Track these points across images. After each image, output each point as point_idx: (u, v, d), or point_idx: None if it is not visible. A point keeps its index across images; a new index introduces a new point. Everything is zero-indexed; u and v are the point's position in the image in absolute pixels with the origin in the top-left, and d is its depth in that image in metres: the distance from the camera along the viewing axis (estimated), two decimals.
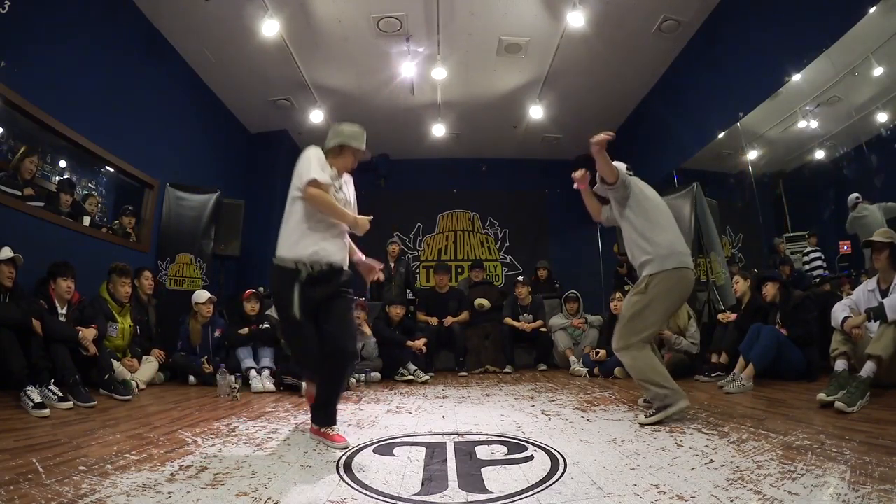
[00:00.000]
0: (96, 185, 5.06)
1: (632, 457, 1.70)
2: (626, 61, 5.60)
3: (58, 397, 2.58)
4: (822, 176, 4.42)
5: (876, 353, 2.41)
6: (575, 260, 7.91)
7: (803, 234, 4.61)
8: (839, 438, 1.76)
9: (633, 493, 1.34)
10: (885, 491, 1.23)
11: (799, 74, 3.93)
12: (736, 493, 1.29)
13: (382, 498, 1.37)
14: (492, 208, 8.49)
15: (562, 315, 5.24)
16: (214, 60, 5.52)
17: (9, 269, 2.93)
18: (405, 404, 3.05)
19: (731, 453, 1.68)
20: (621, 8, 4.75)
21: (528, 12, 4.90)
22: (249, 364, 3.95)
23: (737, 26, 4.60)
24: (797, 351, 3.21)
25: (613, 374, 4.20)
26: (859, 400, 2.24)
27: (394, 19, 4.95)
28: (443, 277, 5.78)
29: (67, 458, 1.69)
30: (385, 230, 7.91)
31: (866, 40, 3.36)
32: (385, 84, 5.98)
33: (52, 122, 3.77)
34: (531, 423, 2.34)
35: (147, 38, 4.87)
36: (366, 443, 2.01)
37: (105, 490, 1.38)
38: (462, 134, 7.44)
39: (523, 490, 1.41)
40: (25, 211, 3.55)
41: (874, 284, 2.86)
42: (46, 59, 3.70)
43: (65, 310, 3.27)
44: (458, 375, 4.88)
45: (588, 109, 6.71)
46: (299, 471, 1.63)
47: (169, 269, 5.11)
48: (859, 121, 3.79)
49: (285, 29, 4.90)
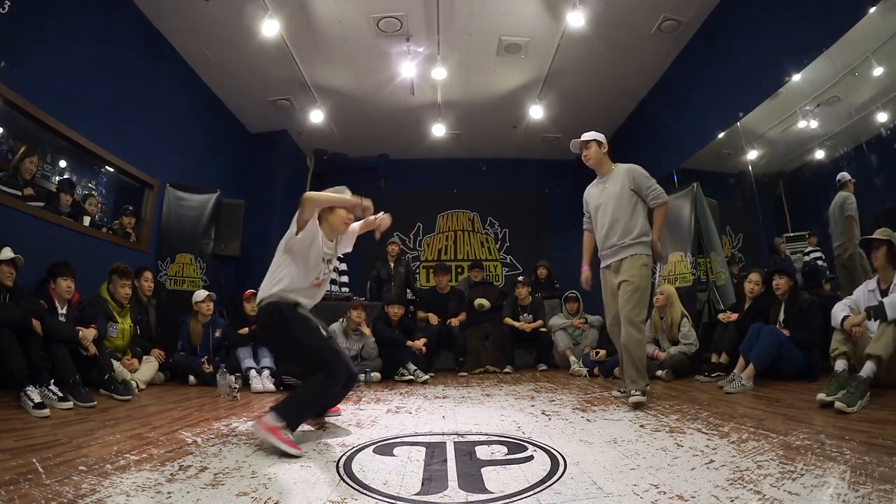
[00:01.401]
0: (96, 185, 5.06)
1: (632, 457, 1.70)
2: (626, 61, 5.60)
3: (58, 397, 2.59)
4: (822, 176, 4.41)
5: (876, 353, 2.40)
6: (575, 260, 7.81)
7: (803, 234, 4.60)
8: (839, 438, 1.76)
9: (633, 493, 1.34)
10: (885, 491, 1.23)
11: (799, 74, 3.92)
12: (736, 493, 1.29)
13: (382, 498, 1.37)
14: (492, 208, 8.49)
15: (562, 315, 5.24)
16: (214, 60, 5.53)
17: (9, 270, 2.93)
18: (405, 404, 3.05)
19: (731, 453, 1.68)
20: (621, 8, 4.75)
21: (528, 12, 4.90)
22: (249, 364, 3.96)
23: (737, 26, 4.60)
24: (798, 351, 3.20)
25: (613, 374, 4.20)
26: (859, 400, 2.24)
27: (394, 19, 4.95)
28: (443, 278, 5.79)
29: (67, 458, 1.69)
30: (385, 230, 7.91)
31: (866, 40, 3.36)
32: (385, 84, 5.98)
33: (52, 122, 3.77)
34: (531, 423, 2.34)
35: (147, 38, 4.87)
36: (366, 443, 2.01)
37: (105, 490, 1.38)
38: (462, 134, 7.44)
39: (523, 490, 1.40)
40: (25, 211, 3.55)
41: (874, 284, 2.86)
42: (46, 59, 3.71)
43: (65, 310, 3.27)
44: (458, 375, 4.88)
45: (588, 109, 6.72)
46: (299, 471, 1.63)
47: (169, 269, 5.11)
48: (859, 121, 3.79)
49: (285, 29, 4.90)
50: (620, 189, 2.93)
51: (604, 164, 3.04)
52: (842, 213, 3.87)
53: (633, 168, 2.97)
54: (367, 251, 7.89)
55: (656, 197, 2.91)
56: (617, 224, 2.91)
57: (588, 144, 3.01)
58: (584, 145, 3.03)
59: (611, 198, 2.95)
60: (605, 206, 2.98)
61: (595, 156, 3.01)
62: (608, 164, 3.05)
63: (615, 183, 2.96)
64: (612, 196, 2.95)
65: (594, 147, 3.00)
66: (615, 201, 2.93)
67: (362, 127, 7.23)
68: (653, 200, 2.92)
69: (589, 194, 3.19)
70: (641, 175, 2.94)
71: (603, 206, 3.00)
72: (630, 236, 2.87)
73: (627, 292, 2.82)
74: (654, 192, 2.91)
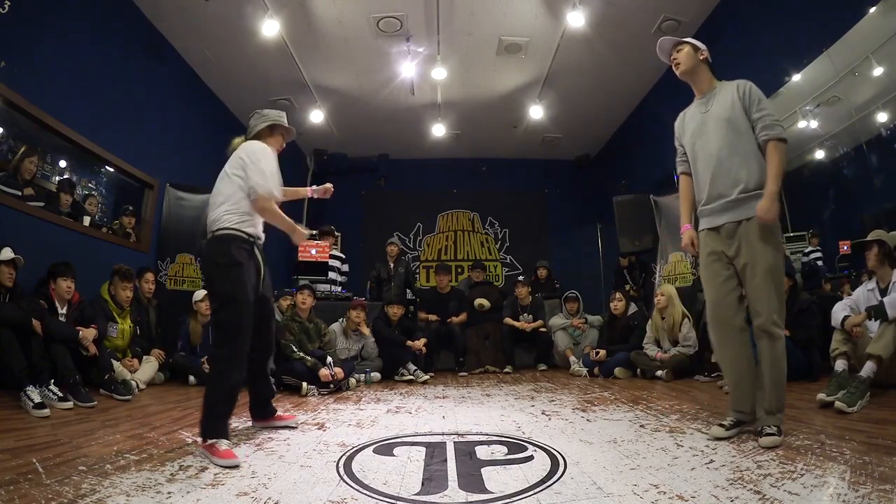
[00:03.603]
0: (96, 185, 5.05)
1: (632, 457, 1.70)
2: (626, 61, 5.60)
3: (58, 397, 2.58)
4: (822, 176, 4.42)
5: (876, 353, 2.41)
6: (575, 260, 7.92)
7: (803, 234, 4.60)
8: (839, 438, 1.76)
9: (633, 493, 1.34)
10: (885, 491, 1.23)
11: (799, 74, 3.93)
12: (736, 493, 1.29)
13: (382, 498, 1.37)
14: (492, 208, 8.50)
15: (562, 315, 5.24)
16: (214, 60, 5.53)
17: (9, 270, 2.93)
18: (405, 404, 3.05)
19: (731, 453, 1.68)
20: (621, 8, 4.75)
21: (528, 12, 4.90)
22: None
23: (737, 26, 4.60)
24: (799, 351, 3.20)
25: (613, 374, 4.20)
26: (859, 400, 2.24)
27: (394, 19, 4.95)
28: (444, 278, 5.81)
29: (67, 458, 1.69)
30: (385, 230, 7.93)
31: (866, 40, 3.36)
32: (385, 84, 5.98)
33: (52, 122, 3.77)
34: (531, 423, 2.34)
35: (147, 38, 4.87)
36: (366, 443, 2.01)
37: (105, 490, 1.38)
38: (462, 134, 7.44)
39: (523, 490, 1.41)
40: (25, 211, 3.55)
41: (874, 284, 2.87)
42: (46, 59, 3.70)
43: (65, 310, 3.27)
44: (458, 375, 4.88)
45: (588, 109, 6.72)
46: (299, 471, 1.63)
47: (169, 270, 5.11)
48: (859, 121, 3.79)
49: (285, 29, 4.90)
50: (730, 111, 2.03)
51: (701, 76, 2.16)
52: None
53: (744, 83, 2.05)
54: (367, 251, 7.94)
55: (769, 126, 1.95)
56: (727, 164, 2.00)
57: (680, 46, 2.16)
58: (675, 47, 2.18)
59: (718, 124, 2.04)
60: (707, 138, 2.08)
61: (688, 62, 2.13)
62: (708, 79, 2.16)
63: (722, 104, 2.06)
64: (721, 121, 2.04)
65: (687, 50, 2.13)
66: (725, 129, 2.02)
67: (362, 127, 7.23)
68: (763, 132, 1.95)
69: (684, 120, 2.25)
70: (756, 92, 2.02)
71: (705, 138, 2.09)
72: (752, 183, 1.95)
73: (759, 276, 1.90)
74: (768, 118, 1.96)
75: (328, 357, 3.81)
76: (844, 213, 4.03)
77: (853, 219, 4.06)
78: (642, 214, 5.44)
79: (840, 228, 4.12)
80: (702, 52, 2.15)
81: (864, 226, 3.64)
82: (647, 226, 5.42)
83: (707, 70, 2.17)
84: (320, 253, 5.69)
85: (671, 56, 2.20)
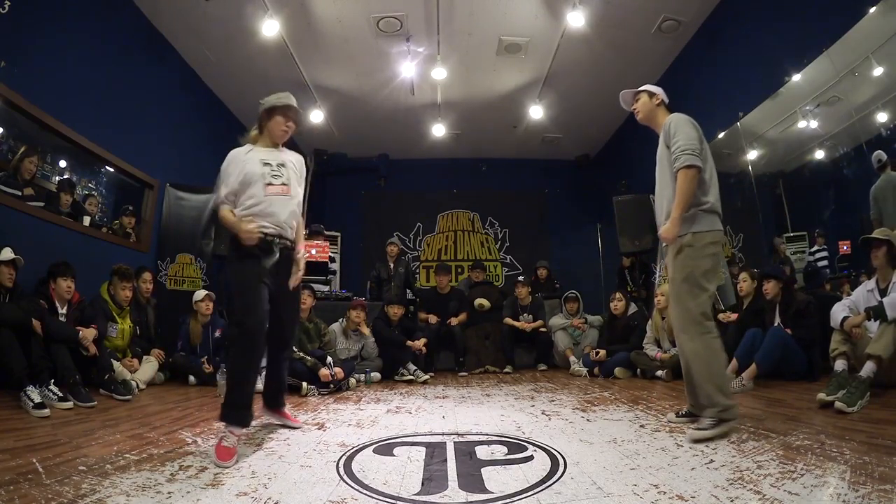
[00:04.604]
0: (96, 185, 5.06)
1: (632, 457, 1.70)
2: (627, 61, 5.60)
3: (58, 397, 2.58)
4: (822, 176, 4.42)
5: (876, 353, 2.40)
6: (575, 260, 7.92)
7: (803, 234, 4.60)
8: (839, 438, 1.76)
9: (633, 493, 1.34)
10: (885, 491, 1.23)
11: (799, 74, 3.92)
12: (736, 493, 1.29)
13: (382, 498, 1.37)
14: (492, 208, 8.50)
15: (562, 315, 5.24)
16: (214, 60, 5.53)
17: (9, 270, 2.93)
18: (405, 404, 3.05)
19: (731, 453, 1.68)
20: (621, 8, 4.75)
21: (528, 12, 4.90)
22: None
23: (737, 26, 4.60)
24: (800, 351, 3.20)
25: (613, 374, 4.21)
26: (859, 400, 2.24)
27: (394, 19, 4.95)
28: (444, 278, 5.81)
29: (67, 458, 1.69)
30: (385, 230, 7.93)
31: (866, 40, 3.36)
32: (385, 84, 5.98)
33: (52, 122, 3.77)
34: (531, 423, 2.34)
35: (147, 37, 4.87)
36: (366, 443, 2.01)
37: (105, 490, 1.38)
38: (462, 134, 7.44)
39: (523, 490, 1.41)
40: (25, 211, 3.55)
41: (873, 284, 2.86)
42: (46, 59, 3.70)
43: (65, 310, 3.27)
44: (458, 375, 4.89)
45: (588, 109, 6.71)
46: (299, 471, 1.63)
47: (169, 270, 5.11)
48: (859, 121, 3.79)
49: (285, 29, 4.90)
50: (661, 148, 2.30)
51: (658, 119, 2.37)
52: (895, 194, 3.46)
53: (668, 119, 2.28)
54: (367, 251, 7.94)
55: (676, 158, 2.14)
56: (660, 195, 2.30)
57: (638, 95, 2.43)
58: (635, 97, 2.45)
59: (658, 159, 2.34)
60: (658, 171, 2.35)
61: (644, 110, 2.40)
62: (663, 118, 2.35)
63: (660, 142, 2.33)
64: (658, 158, 2.33)
65: (643, 100, 2.40)
66: (659, 164, 2.32)
67: (362, 127, 7.23)
68: (673, 164, 2.16)
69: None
70: (674, 126, 2.22)
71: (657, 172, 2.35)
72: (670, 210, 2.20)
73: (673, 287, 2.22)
74: (678, 150, 2.14)
75: (328, 357, 3.81)
76: (844, 213, 4.02)
77: (853, 219, 4.06)
78: (642, 214, 5.43)
79: (840, 228, 4.11)
80: (657, 97, 2.40)
81: (863, 226, 3.64)
82: (647, 226, 5.41)
83: (664, 112, 2.40)
84: (320, 253, 5.69)
85: (632, 106, 2.49)
